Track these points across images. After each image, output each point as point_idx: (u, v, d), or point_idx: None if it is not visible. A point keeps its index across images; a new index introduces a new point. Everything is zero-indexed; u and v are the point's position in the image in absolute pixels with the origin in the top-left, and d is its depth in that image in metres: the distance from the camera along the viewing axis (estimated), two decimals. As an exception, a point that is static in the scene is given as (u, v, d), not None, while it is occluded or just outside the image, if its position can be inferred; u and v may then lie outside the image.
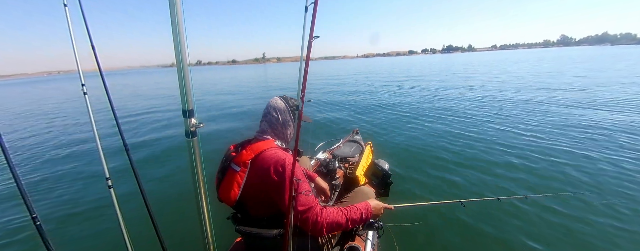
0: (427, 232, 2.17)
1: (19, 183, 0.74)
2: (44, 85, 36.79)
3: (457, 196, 2.56)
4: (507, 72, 16.89)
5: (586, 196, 2.52)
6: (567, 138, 4.00)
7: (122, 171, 3.67)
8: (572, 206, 2.38)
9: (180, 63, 0.80)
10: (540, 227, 2.17)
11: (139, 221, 1.78)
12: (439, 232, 2.17)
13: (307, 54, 0.86)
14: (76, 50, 1.08)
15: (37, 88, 29.88)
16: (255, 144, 1.17)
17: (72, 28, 1.04)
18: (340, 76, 21.71)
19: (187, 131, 0.89)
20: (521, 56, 50.04)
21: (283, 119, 1.25)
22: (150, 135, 6.14)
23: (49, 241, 0.78)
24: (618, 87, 8.49)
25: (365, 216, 1.21)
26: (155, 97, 13.94)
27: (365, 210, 1.22)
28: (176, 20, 0.77)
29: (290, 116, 1.27)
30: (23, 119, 10.15)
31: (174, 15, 0.77)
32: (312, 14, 0.85)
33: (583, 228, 2.13)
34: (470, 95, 8.61)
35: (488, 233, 2.13)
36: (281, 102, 1.27)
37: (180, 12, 0.78)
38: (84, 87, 1.13)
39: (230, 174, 1.15)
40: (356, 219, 1.18)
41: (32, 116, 10.51)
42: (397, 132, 4.90)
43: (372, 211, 1.25)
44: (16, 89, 30.87)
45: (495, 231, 2.14)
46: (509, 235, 2.10)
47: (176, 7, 0.76)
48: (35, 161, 4.84)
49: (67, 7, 1.04)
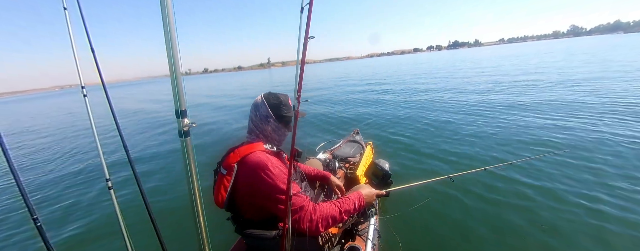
0: (424, 217, 2.29)
1: (20, 184, 0.75)
2: (55, 99, 37.46)
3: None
4: (558, 70, 11.61)
5: (565, 155, 2.97)
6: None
7: (122, 172, 3.70)
8: (554, 165, 2.80)
9: (172, 65, 0.81)
10: (525, 190, 2.50)
11: (139, 221, 1.79)
12: (435, 213, 2.33)
13: (303, 54, 0.86)
14: (76, 53, 1.09)
15: (47, 101, 30.46)
16: (241, 147, 1.16)
17: (71, 32, 1.06)
18: (341, 77, 21.71)
19: (180, 131, 0.89)
20: (539, 48, 44.65)
21: (260, 115, 1.21)
22: (151, 136, 6.18)
23: (50, 242, 0.79)
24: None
25: (358, 205, 1.20)
26: (156, 102, 14.04)
27: (357, 200, 1.21)
28: (167, 21, 0.79)
29: (269, 111, 1.21)
30: (25, 122, 10.26)
31: (165, 16, 0.78)
32: (308, 15, 0.85)
33: (563, 183, 2.50)
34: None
35: (480, 204, 2.37)
36: (260, 98, 1.24)
37: (172, 14, 0.80)
38: (83, 90, 1.14)
39: (219, 178, 1.15)
40: (350, 209, 1.16)
41: (35, 120, 10.61)
42: (397, 132, 4.89)
43: (365, 199, 1.24)
44: (30, 103, 31.60)
45: (487, 201, 2.39)
46: (499, 202, 2.36)
47: (167, 9, 0.78)
48: (36, 162, 4.89)
49: (66, 10, 1.06)
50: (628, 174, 2.58)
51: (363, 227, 1.67)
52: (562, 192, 2.40)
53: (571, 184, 2.50)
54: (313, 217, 1.06)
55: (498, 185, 2.64)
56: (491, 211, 2.28)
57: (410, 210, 2.39)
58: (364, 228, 1.66)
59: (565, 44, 55.84)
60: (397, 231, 1.87)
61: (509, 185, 2.61)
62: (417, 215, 2.32)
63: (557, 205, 2.25)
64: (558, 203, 2.26)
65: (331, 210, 1.12)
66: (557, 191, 2.43)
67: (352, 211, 1.17)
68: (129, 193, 3.07)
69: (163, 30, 0.79)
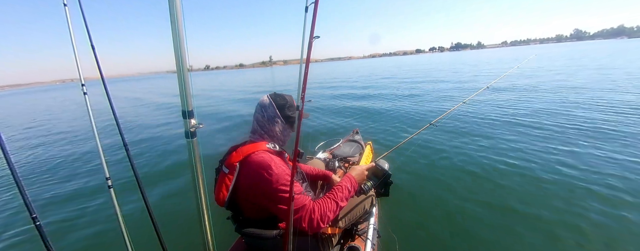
0: (424, 217, 2.29)
1: (19, 183, 0.74)
2: (55, 93, 37.27)
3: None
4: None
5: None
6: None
7: (122, 171, 3.68)
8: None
9: (180, 65, 0.80)
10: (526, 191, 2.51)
11: (139, 220, 1.78)
12: (435, 213, 2.33)
13: (308, 54, 0.86)
14: (76, 50, 1.08)
15: (48, 95, 30.29)
16: (244, 147, 1.16)
17: (71, 28, 1.04)
18: (341, 78, 21.69)
19: (186, 132, 0.89)
20: (552, 51, 41.97)
21: (268, 115, 1.22)
22: (151, 135, 6.15)
23: (49, 241, 0.78)
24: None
25: (352, 187, 1.23)
26: (157, 99, 13.98)
27: (350, 184, 1.23)
28: (176, 22, 0.77)
29: (277, 111, 1.22)
30: (25, 121, 10.18)
31: (173, 18, 0.77)
32: (313, 14, 0.84)
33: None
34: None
35: (481, 204, 2.36)
36: (266, 98, 1.25)
37: (180, 15, 0.78)
38: (84, 87, 1.13)
39: (221, 177, 1.14)
40: (345, 195, 1.19)
41: (34, 118, 10.54)
42: (398, 132, 4.90)
43: (356, 179, 1.28)
44: (29, 96, 31.38)
45: (487, 202, 2.39)
46: (499, 203, 2.35)
47: (176, 10, 0.77)
48: (36, 161, 4.85)
49: (66, 6, 1.04)
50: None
51: (363, 227, 1.67)
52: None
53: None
54: (313, 216, 1.06)
55: (498, 187, 2.65)
56: (489, 212, 2.30)
57: (411, 210, 2.40)
58: (364, 228, 1.66)
59: (569, 47, 55.98)
60: (396, 231, 1.88)
61: (508, 190, 2.61)
62: (417, 216, 2.33)
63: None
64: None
65: (329, 204, 1.12)
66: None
67: (348, 195, 1.20)
68: (129, 192, 3.05)
69: (171, 34, 0.78)
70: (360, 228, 1.65)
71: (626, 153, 3.09)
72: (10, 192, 3.35)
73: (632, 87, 7.02)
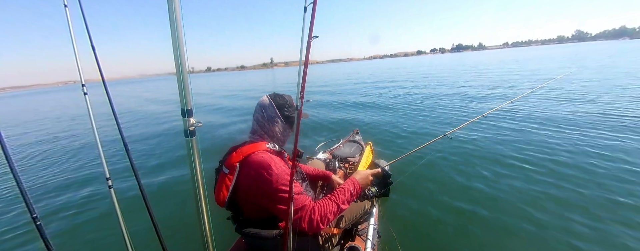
0: (424, 217, 2.26)
1: (20, 183, 0.74)
2: (57, 95, 37.32)
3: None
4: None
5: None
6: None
7: (122, 171, 3.69)
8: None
9: (178, 64, 0.81)
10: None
11: (139, 221, 1.78)
12: (435, 214, 2.29)
13: (307, 54, 0.86)
14: (76, 50, 1.08)
15: (50, 97, 30.37)
16: (244, 147, 1.16)
17: (72, 29, 1.05)
18: (342, 78, 21.68)
19: (186, 131, 0.89)
20: (561, 52, 39.90)
21: (267, 116, 1.23)
22: (151, 135, 6.16)
23: (49, 241, 0.79)
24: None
25: (355, 191, 1.22)
26: (158, 99, 13.99)
27: (353, 186, 1.22)
28: (175, 22, 0.78)
29: (277, 111, 1.23)
30: (26, 121, 10.20)
31: (172, 18, 0.77)
32: (311, 14, 0.85)
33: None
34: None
35: (480, 206, 2.33)
36: (266, 98, 1.26)
37: (179, 15, 0.79)
38: (84, 88, 1.13)
39: (221, 177, 1.15)
40: (347, 198, 1.18)
41: (35, 118, 10.56)
42: (398, 132, 4.89)
43: (360, 182, 1.26)
44: (31, 98, 31.42)
45: (487, 204, 2.35)
46: (499, 206, 2.31)
47: (175, 10, 0.77)
48: (36, 161, 4.86)
49: (67, 7, 1.05)
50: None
51: (363, 227, 1.67)
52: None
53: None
54: (313, 216, 1.06)
55: (498, 191, 2.64)
56: (489, 213, 2.29)
57: (411, 210, 2.40)
58: (364, 228, 1.66)
59: (572, 48, 55.30)
60: (396, 232, 1.88)
61: (508, 193, 2.58)
62: (417, 216, 2.32)
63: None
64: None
65: (330, 205, 1.12)
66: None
67: (350, 198, 1.19)
68: (129, 192, 3.06)
69: (170, 33, 0.78)
70: (360, 228, 1.65)
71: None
72: (11, 192, 3.36)
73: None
